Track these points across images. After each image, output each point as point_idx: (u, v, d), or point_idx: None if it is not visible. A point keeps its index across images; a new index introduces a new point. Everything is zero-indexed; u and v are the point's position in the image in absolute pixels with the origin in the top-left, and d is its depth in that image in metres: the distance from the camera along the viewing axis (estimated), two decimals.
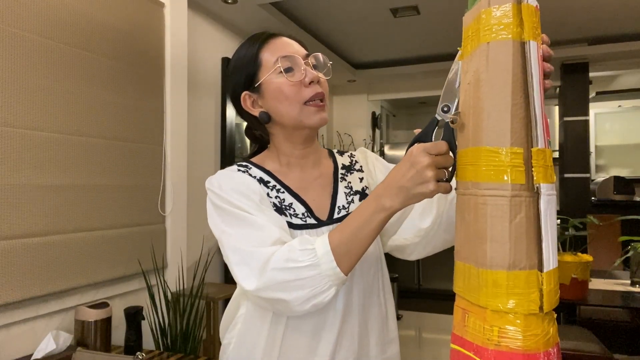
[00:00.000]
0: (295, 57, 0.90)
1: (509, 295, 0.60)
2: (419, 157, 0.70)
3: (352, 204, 0.96)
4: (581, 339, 2.22)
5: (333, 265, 0.75)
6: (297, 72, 0.89)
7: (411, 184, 0.71)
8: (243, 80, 0.93)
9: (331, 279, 0.76)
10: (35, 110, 1.75)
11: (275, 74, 0.89)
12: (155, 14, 2.38)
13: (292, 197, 0.92)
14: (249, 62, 0.92)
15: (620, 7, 3.41)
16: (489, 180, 0.62)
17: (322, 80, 0.92)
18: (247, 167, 0.95)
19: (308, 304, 0.77)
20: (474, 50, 0.65)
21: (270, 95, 0.91)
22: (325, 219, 0.93)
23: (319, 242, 0.77)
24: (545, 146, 0.62)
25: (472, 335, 0.64)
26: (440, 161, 0.70)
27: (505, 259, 0.60)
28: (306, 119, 0.90)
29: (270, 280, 0.77)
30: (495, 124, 0.61)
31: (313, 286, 0.75)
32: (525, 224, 0.60)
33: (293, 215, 0.90)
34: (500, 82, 0.61)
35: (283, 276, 0.76)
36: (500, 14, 0.61)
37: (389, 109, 6.62)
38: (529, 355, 0.59)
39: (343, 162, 1.03)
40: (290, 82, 0.88)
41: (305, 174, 0.97)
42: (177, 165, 2.50)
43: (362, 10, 3.47)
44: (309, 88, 0.89)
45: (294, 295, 0.76)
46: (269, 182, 0.93)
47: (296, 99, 0.89)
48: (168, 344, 2.17)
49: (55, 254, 1.80)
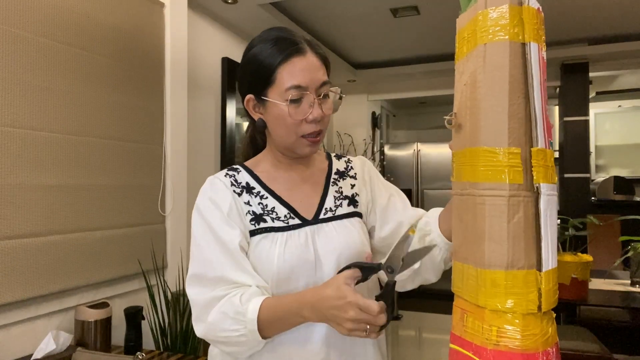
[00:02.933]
0: (306, 91, 0.89)
1: (507, 294, 0.60)
2: (347, 307, 0.75)
3: (340, 208, 0.98)
4: (581, 339, 2.22)
5: (259, 339, 0.85)
6: (304, 105, 0.89)
7: (332, 318, 0.78)
8: (253, 85, 0.94)
9: (260, 343, 0.87)
10: (35, 110, 1.75)
11: (282, 100, 0.90)
12: (155, 14, 2.38)
13: (276, 200, 0.96)
14: (264, 72, 0.91)
15: (620, 7, 3.41)
16: (487, 181, 0.62)
17: (325, 117, 0.93)
18: (236, 170, 0.99)
19: (244, 354, 0.90)
20: (471, 51, 0.66)
21: (272, 116, 0.93)
22: (311, 218, 0.95)
23: (249, 315, 0.84)
24: (546, 147, 0.62)
25: (471, 335, 0.64)
26: (367, 319, 0.74)
27: (504, 259, 0.60)
28: (298, 149, 0.94)
29: (210, 337, 0.89)
30: (492, 125, 0.62)
31: (245, 346, 0.87)
32: (524, 224, 0.60)
33: (275, 219, 0.93)
34: (498, 83, 0.61)
35: (219, 339, 0.88)
36: (496, 15, 0.62)
37: (389, 109, 6.62)
38: (528, 354, 0.59)
39: (338, 167, 1.06)
40: (294, 115, 0.89)
41: (295, 174, 1.00)
42: (177, 165, 2.50)
43: (362, 10, 3.47)
44: (310, 124, 0.91)
45: (230, 349, 0.89)
46: (254, 189, 0.96)
47: (294, 130, 0.91)
48: (168, 344, 2.17)
49: (55, 254, 1.80)
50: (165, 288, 2.25)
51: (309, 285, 0.90)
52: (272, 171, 0.99)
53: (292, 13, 3.56)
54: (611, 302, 2.32)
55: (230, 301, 0.86)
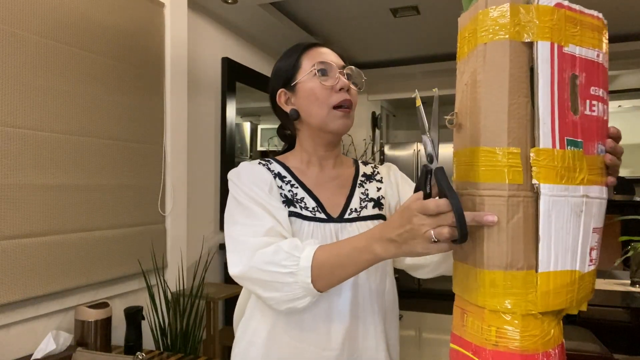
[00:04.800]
0: (331, 64, 0.97)
1: (506, 295, 0.60)
2: (408, 219, 0.66)
3: (365, 209, 1.00)
4: (581, 339, 2.22)
5: (308, 281, 0.78)
6: (330, 77, 0.96)
7: (403, 240, 0.68)
8: (282, 81, 1.01)
9: (305, 291, 0.80)
10: (35, 110, 1.75)
11: (310, 77, 0.96)
12: (155, 14, 2.38)
13: (305, 192, 0.98)
14: (289, 66, 1.00)
15: (620, 7, 3.41)
16: (487, 181, 0.62)
17: (352, 89, 0.98)
18: (268, 161, 1.03)
19: (282, 305, 0.82)
20: (472, 51, 0.65)
21: (303, 94, 0.97)
22: (336, 216, 0.97)
23: (305, 252, 0.80)
24: (561, 147, 0.60)
25: (470, 335, 0.64)
26: (431, 222, 0.64)
27: (502, 259, 0.60)
28: (331, 123, 0.96)
29: (251, 274, 0.82)
30: (492, 125, 0.61)
31: (288, 291, 0.80)
32: (523, 224, 0.60)
33: (303, 208, 0.95)
34: (497, 82, 0.61)
35: (263, 276, 0.81)
36: (497, 14, 0.61)
37: (389, 109, 6.62)
38: (527, 355, 0.59)
39: (365, 171, 1.09)
40: (323, 86, 0.95)
41: (324, 173, 1.03)
42: (177, 165, 2.50)
43: (362, 10, 3.47)
44: (339, 94, 0.95)
45: (270, 294, 0.82)
46: (285, 177, 0.99)
47: (325, 101, 0.95)
48: (168, 344, 2.17)
49: (55, 254, 1.79)
50: (165, 288, 2.25)
51: None
52: (301, 168, 1.03)
53: (292, 13, 3.56)
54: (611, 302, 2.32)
55: (283, 242, 0.82)
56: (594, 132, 0.63)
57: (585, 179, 0.62)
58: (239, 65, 3.45)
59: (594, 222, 0.63)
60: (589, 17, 0.63)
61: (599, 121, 0.64)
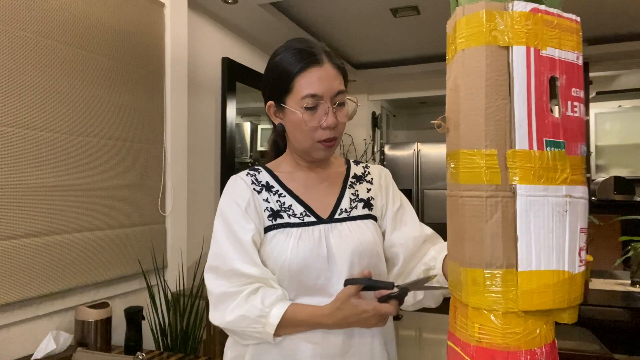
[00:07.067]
0: (321, 98, 0.95)
1: (487, 292, 0.62)
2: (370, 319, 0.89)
3: (355, 210, 1.03)
4: (581, 339, 2.22)
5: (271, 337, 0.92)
6: (319, 112, 0.96)
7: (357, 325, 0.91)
8: (274, 92, 1.01)
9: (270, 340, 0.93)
10: (35, 110, 1.75)
11: (299, 107, 0.96)
12: (155, 14, 2.38)
13: (293, 199, 1.01)
14: (283, 81, 0.98)
15: (620, 7, 3.41)
16: (468, 182, 0.64)
17: (339, 125, 0.99)
18: (257, 170, 1.06)
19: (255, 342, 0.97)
20: (453, 56, 0.68)
21: (290, 121, 0.99)
22: (326, 217, 1.00)
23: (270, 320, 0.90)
24: (538, 148, 0.61)
25: (459, 332, 0.67)
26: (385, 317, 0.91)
27: (483, 258, 0.62)
28: (314, 153, 1.00)
29: (227, 328, 0.95)
30: (470, 128, 0.64)
31: (258, 341, 0.95)
32: (502, 224, 0.61)
33: (291, 216, 0.99)
34: (475, 87, 0.63)
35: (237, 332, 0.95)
36: (473, 21, 0.63)
37: (389, 109, 6.63)
38: (509, 352, 0.61)
39: (356, 171, 1.11)
40: (309, 121, 0.96)
41: (314, 175, 1.06)
42: (177, 165, 2.51)
43: (362, 10, 3.47)
44: (324, 131, 0.97)
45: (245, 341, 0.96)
46: (273, 188, 1.03)
47: (310, 136, 0.97)
48: (168, 344, 2.17)
49: (55, 254, 1.80)
50: (166, 288, 2.25)
51: (323, 278, 0.95)
52: (291, 172, 1.06)
53: (292, 13, 3.56)
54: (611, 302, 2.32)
55: (251, 304, 0.91)
56: (577, 132, 0.64)
57: (569, 179, 0.63)
58: (239, 65, 3.45)
59: (581, 223, 0.64)
60: (566, 21, 0.64)
61: (580, 122, 0.65)
